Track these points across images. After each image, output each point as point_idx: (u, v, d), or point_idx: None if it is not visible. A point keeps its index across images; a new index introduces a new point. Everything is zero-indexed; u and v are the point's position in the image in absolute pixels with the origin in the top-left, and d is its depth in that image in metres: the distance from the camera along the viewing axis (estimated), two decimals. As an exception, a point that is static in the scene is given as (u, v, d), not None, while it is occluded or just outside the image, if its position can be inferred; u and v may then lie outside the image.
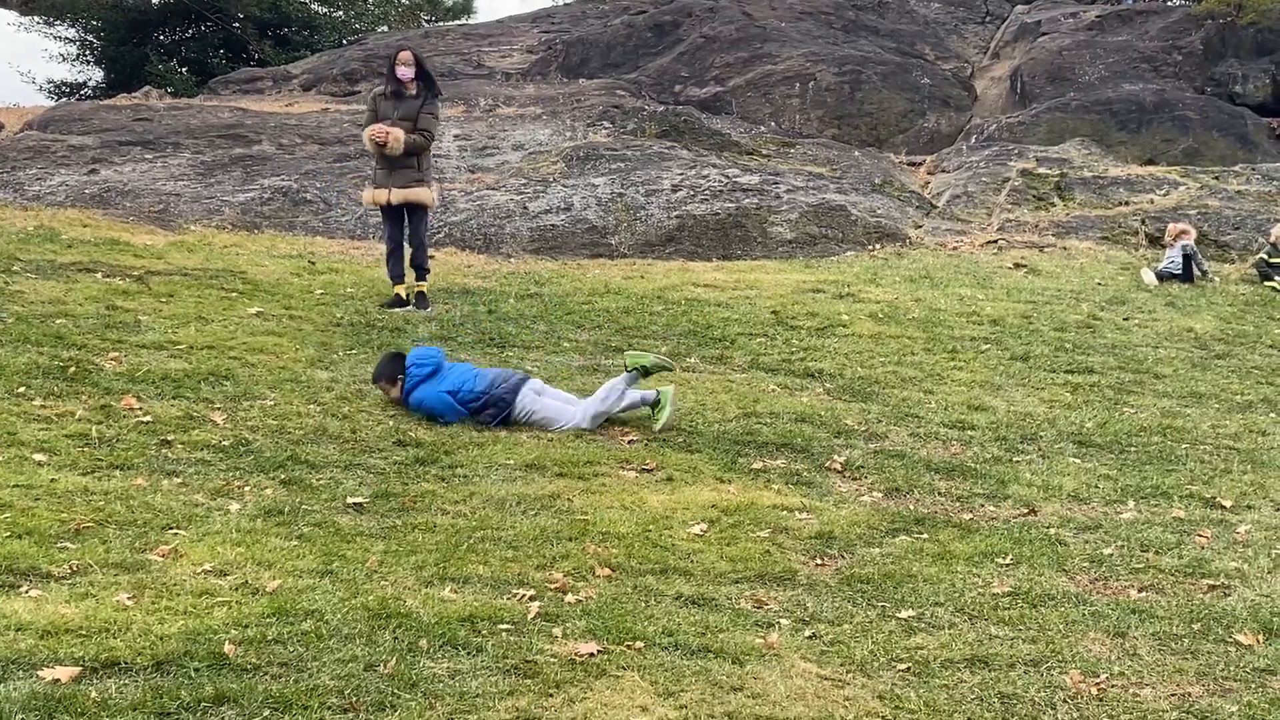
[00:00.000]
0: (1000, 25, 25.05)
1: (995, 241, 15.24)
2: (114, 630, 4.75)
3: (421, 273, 11.33)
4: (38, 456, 6.91)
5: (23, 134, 17.72)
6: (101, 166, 16.07)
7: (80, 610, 4.91)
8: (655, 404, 8.40)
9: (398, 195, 11.18)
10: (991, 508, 7.30)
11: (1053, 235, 15.61)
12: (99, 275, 11.13)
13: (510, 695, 4.51)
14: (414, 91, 11.30)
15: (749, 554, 6.31)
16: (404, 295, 11.13)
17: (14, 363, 8.41)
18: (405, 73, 11.33)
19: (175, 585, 5.28)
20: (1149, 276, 13.88)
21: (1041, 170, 17.80)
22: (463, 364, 8.63)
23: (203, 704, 4.22)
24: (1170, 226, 14.90)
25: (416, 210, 11.28)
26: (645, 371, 8.39)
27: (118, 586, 5.21)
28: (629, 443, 8.16)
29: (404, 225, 11.31)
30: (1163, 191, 17.14)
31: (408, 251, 11.35)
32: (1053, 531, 6.84)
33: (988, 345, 10.81)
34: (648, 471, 7.62)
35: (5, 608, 4.86)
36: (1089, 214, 16.41)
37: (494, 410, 8.28)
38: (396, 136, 11.03)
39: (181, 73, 30.63)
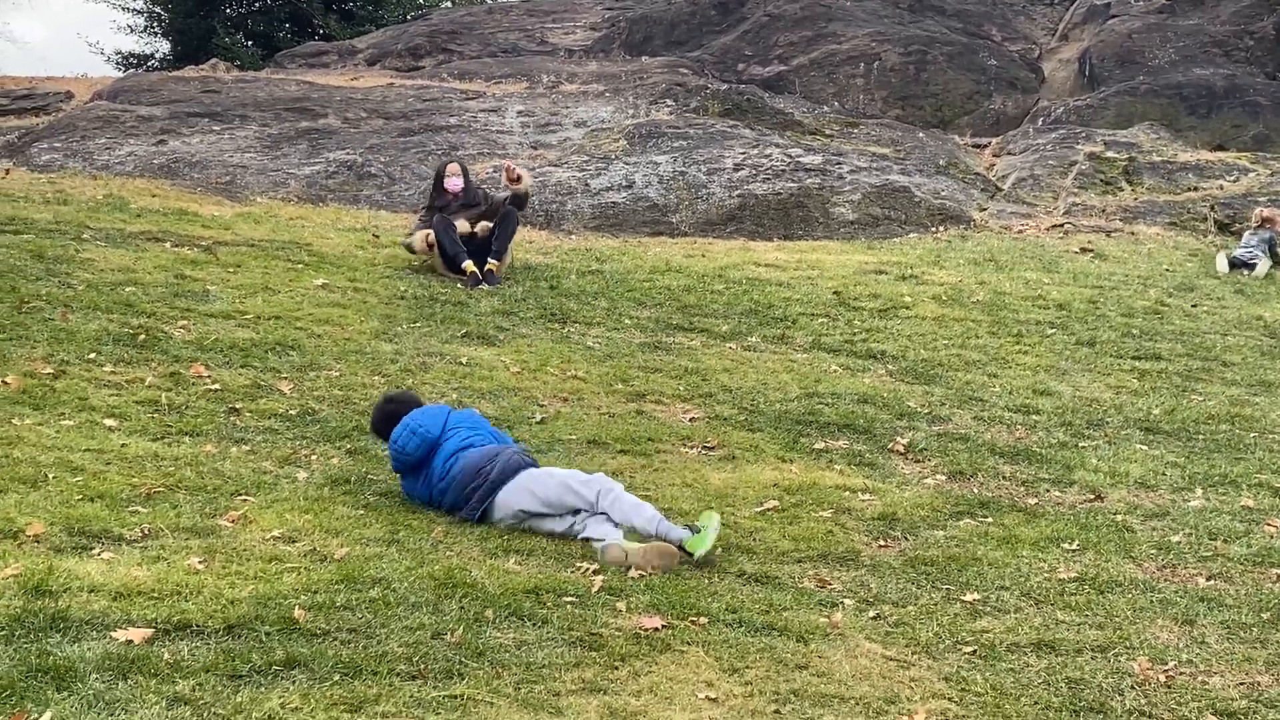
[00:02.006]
0: (1069, 7, 24.75)
1: (1061, 225, 15.09)
2: (185, 593, 4.81)
3: (498, 255, 11.36)
4: (108, 422, 7.00)
5: (92, 104, 17.89)
6: (170, 137, 16.21)
7: (152, 573, 4.97)
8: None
9: (483, 226, 11.46)
10: (1057, 493, 7.24)
11: (1120, 220, 15.44)
12: (168, 245, 11.24)
13: (576, 667, 4.54)
14: (464, 199, 11.76)
15: (812, 534, 6.30)
16: (474, 271, 11.07)
17: (85, 329, 8.51)
18: (455, 184, 11.77)
19: (245, 550, 5.34)
20: (1222, 263, 13.61)
21: (1109, 154, 17.59)
22: (457, 429, 6.49)
23: (273, 667, 4.27)
24: (1258, 211, 14.50)
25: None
26: (687, 553, 5.81)
27: (188, 550, 5.27)
28: (690, 420, 8.16)
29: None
30: (1232, 178, 16.90)
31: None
32: (1119, 518, 6.78)
33: (1053, 330, 10.72)
34: (709, 450, 7.62)
35: (79, 569, 4.93)
36: (1157, 199, 16.21)
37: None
38: (525, 179, 11.72)
39: (248, 46, 30.84)
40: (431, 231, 11.37)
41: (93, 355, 8.06)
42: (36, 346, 8.05)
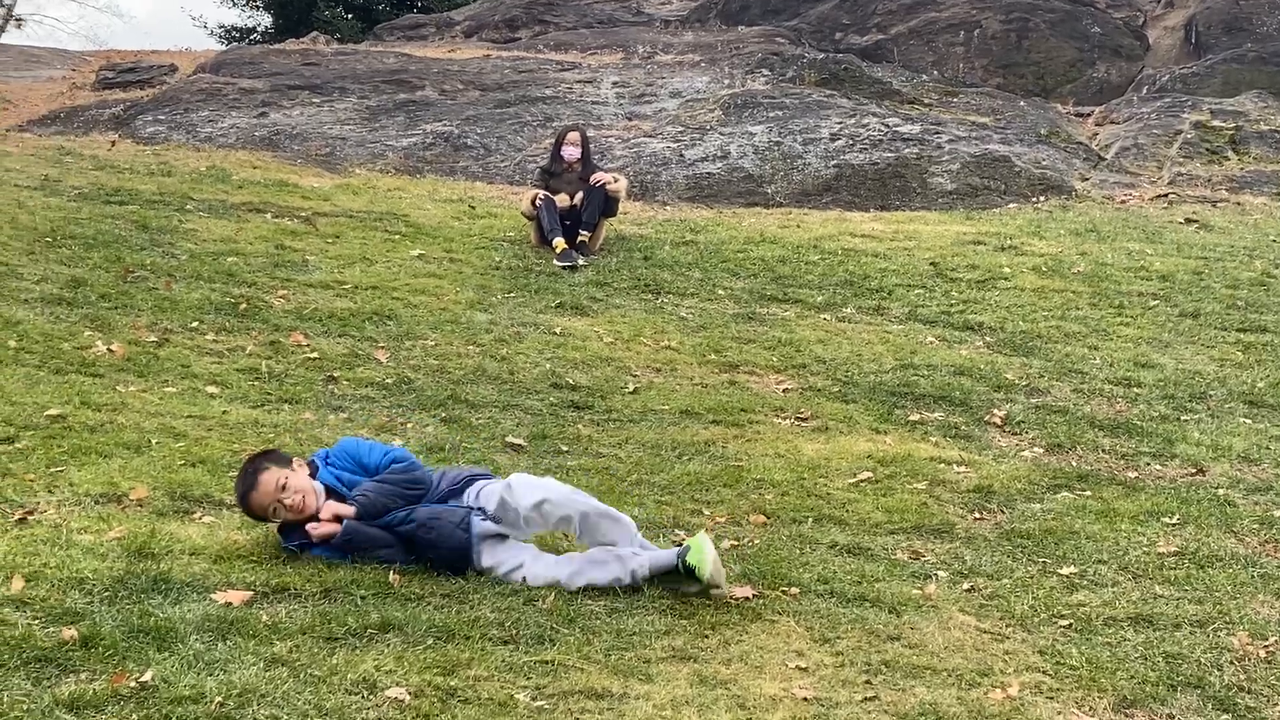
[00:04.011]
0: (1175, -28, 24.19)
1: (1165, 195, 14.79)
2: (283, 557, 4.90)
3: (588, 226, 11.34)
4: (210, 389, 7.13)
5: (195, 76, 18.17)
6: (271, 110, 16.42)
7: (251, 537, 5.07)
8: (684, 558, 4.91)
9: (579, 199, 11.41)
10: (1158, 466, 7.12)
11: (1226, 190, 15.10)
12: (268, 215, 11.40)
13: (667, 634, 4.55)
14: (579, 170, 11.69)
15: (905, 505, 6.26)
16: (563, 248, 11.05)
17: (188, 298, 8.67)
18: (571, 153, 11.72)
19: (341, 516, 5.40)
20: None
21: (1215, 123, 17.20)
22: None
23: (369, 630, 4.33)
24: None
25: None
26: (688, 570, 4.87)
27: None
28: (784, 391, 8.13)
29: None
30: (1344, 147, 16.45)
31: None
32: (1221, 492, 6.65)
33: (1156, 301, 10.52)
34: (802, 420, 7.59)
35: (180, 533, 5.04)
36: (1265, 169, 15.82)
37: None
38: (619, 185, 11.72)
39: (347, 19, 31.07)
40: (537, 194, 11.36)
41: (195, 324, 8.21)
42: (141, 315, 8.21)
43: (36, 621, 4.17)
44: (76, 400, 6.54)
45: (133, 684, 3.81)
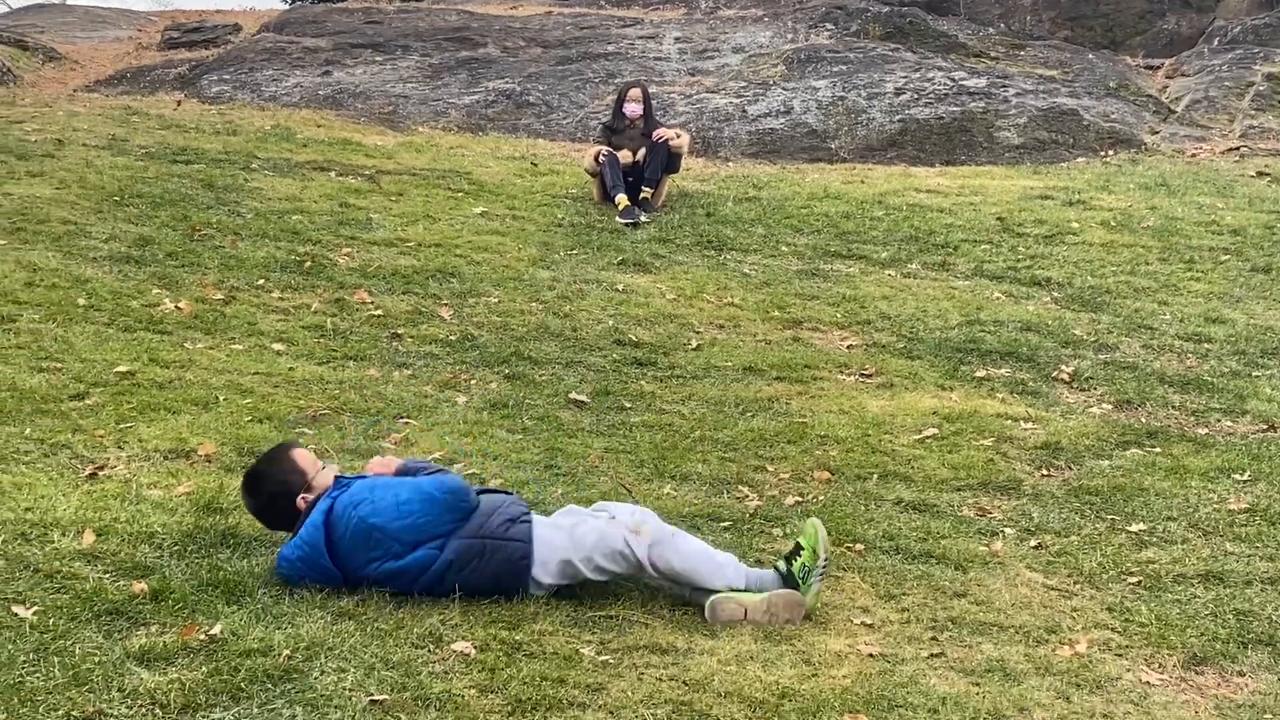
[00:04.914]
0: (1249, -80, 23.69)
1: (1237, 149, 14.52)
2: (349, 513, 4.92)
3: (651, 183, 11.30)
4: (276, 346, 7.18)
5: (259, 36, 18.24)
6: (334, 68, 16.46)
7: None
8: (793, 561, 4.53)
9: (642, 154, 11.32)
10: (1228, 423, 7.02)
11: (1300, 143, 14.80)
12: (332, 174, 11.44)
13: (731, 591, 4.54)
14: (641, 126, 11.59)
15: (971, 462, 6.21)
16: (626, 204, 11.00)
17: (253, 256, 8.73)
18: (633, 109, 11.62)
19: (406, 472, 5.43)
20: None
21: (1290, 74, 16.85)
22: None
23: (434, 585, 4.35)
24: None
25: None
26: (787, 577, 4.50)
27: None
28: (848, 348, 8.07)
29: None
30: None
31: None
32: (1294, 449, 6.55)
33: (1227, 256, 10.35)
34: (867, 377, 7.54)
35: (249, 488, 5.08)
36: (1340, 121, 15.49)
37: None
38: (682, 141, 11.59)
39: (408, -23, 31.06)
40: (600, 150, 11.35)
41: (261, 281, 8.26)
42: (208, 273, 8.27)
43: (107, 575, 4.23)
44: (145, 357, 6.61)
45: (202, 636, 3.86)
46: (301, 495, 4.46)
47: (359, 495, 4.38)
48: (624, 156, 11.29)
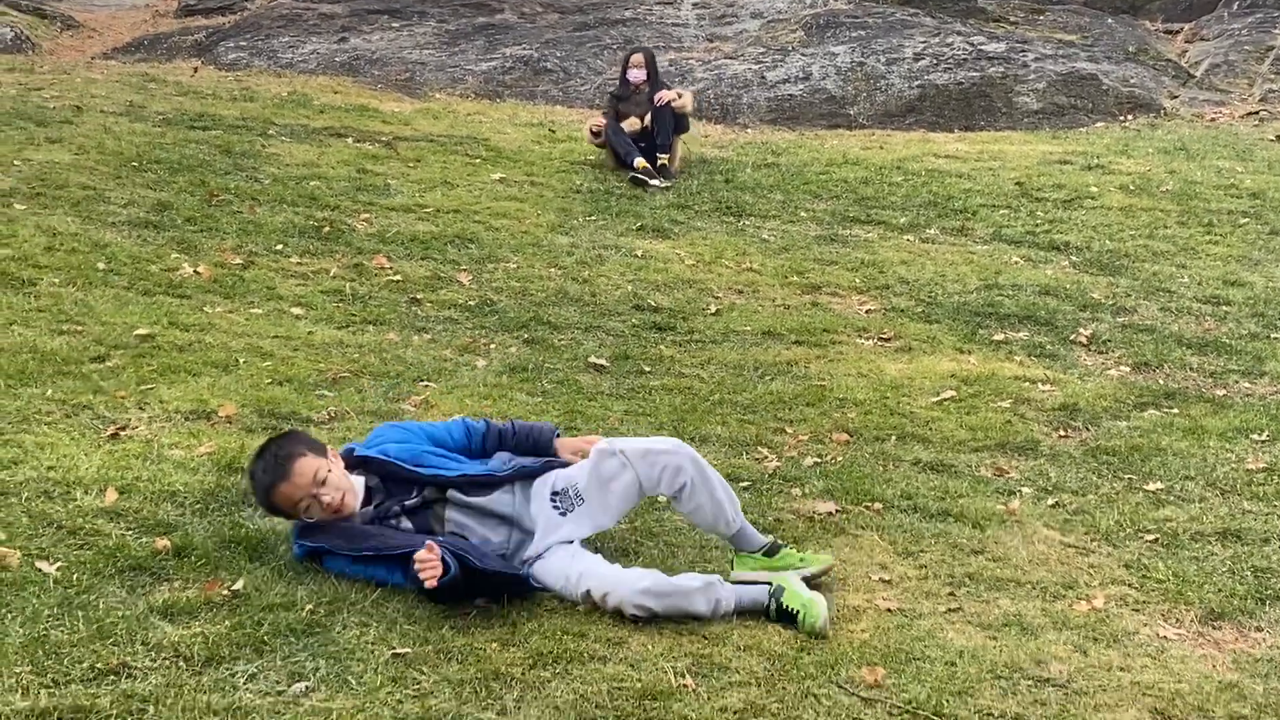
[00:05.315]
0: (1272, -117, 23.48)
1: (1257, 113, 14.44)
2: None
3: (663, 149, 11.27)
4: (295, 310, 7.21)
5: (275, 2, 18.22)
6: (350, 35, 16.44)
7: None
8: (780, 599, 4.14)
9: (649, 120, 11.29)
10: (1247, 384, 7.01)
11: (1321, 107, 14.72)
12: (349, 140, 11.45)
13: (749, 548, 4.56)
14: (646, 91, 11.52)
15: (989, 423, 6.21)
16: (645, 167, 10.99)
17: (272, 221, 8.75)
18: (636, 75, 11.58)
19: (426, 433, 5.46)
20: None
21: (1311, 38, 16.73)
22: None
23: (454, 542, 4.37)
24: None
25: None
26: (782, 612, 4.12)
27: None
28: (866, 312, 8.08)
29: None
30: None
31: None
32: (1313, 410, 6.54)
33: (1246, 219, 10.31)
34: (885, 341, 7.55)
35: (270, 448, 5.11)
36: (1362, 85, 15.39)
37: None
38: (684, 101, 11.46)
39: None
40: (600, 120, 11.37)
41: (279, 246, 8.29)
42: (226, 238, 8.30)
43: (130, 532, 4.27)
44: (165, 321, 6.64)
45: (225, 592, 3.89)
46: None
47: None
48: (631, 124, 11.28)
